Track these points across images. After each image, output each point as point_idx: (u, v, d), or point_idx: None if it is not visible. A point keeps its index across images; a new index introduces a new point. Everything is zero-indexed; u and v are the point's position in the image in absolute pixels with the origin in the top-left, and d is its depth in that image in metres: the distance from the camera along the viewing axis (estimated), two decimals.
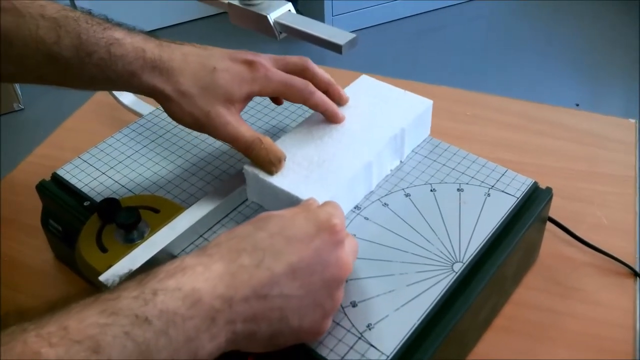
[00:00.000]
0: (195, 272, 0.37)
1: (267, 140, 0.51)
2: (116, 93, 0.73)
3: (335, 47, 0.46)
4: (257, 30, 0.49)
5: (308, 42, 0.48)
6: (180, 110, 0.51)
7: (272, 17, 0.49)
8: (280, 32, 0.49)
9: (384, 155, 0.55)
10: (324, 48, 0.47)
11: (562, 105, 0.82)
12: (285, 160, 0.52)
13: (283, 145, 0.54)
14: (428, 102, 0.59)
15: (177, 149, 0.61)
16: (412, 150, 0.59)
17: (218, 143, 0.61)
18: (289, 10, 0.49)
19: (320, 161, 0.52)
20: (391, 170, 0.57)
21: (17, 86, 2.05)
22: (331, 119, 0.55)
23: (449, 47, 2.31)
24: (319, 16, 2.33)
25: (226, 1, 0.51)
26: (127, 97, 0.73)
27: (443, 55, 2.26)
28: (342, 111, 0.57)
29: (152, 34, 0.53)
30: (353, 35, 0.46)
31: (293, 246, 0.40)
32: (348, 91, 0.60)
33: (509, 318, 0.56)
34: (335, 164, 0.52)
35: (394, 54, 2.26)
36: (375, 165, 0.54)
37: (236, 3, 0.50)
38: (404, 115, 0.57)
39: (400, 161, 0.58)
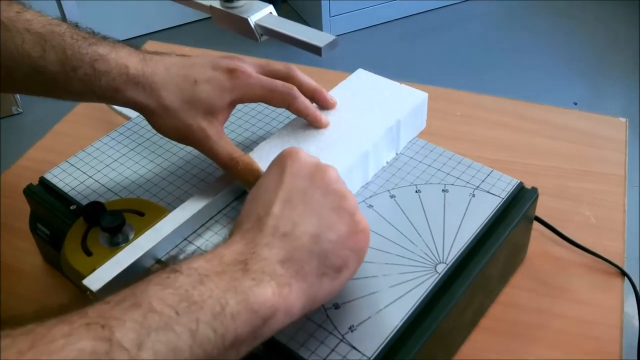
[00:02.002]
0: (211, 254, 0.38)
1: (244, 160, 0.52)
2: None
3: (315, 49, 0.46)
4: (239, 33, 0.50)
5: (288, 44, 0.48)
6: (163, 123, 0.52)
7: (253, 19, 0.49)
8: (261, 35, 0.49)
9: (380, 146, 0.55)
10: (304, 50, 0.47)
11: (561, 105, 0.82)
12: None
13: (280, 136, 0.55)
14: (423, 95, 0.60)
15: (164, 151, 0.61)
16: (399, 152, 0.59)
17: None
18: (270, 12, 0.49)
19: (318, 151, 0.53)
20: (387, 162, 0.58)
21: None
22: (314, 124, 0.55)
23: (446, 47, 2.31)
24: (316, 17, 2.34)
25: (208, 4, 0.51)
26: None
27: (441, 55, 2.26)
28: (339, 103, 0.58)
29: (136, 46, 0.54)
30: (333, 37, 0.46)
31: (278, 185, 0.42)
32: (344, 84, 0.61)
33: (495, 319, 0.56)
34: (332, 154, 0.53)
35: (391, 54, 2.26)
36: (372, 156, 0.55)
37: (218, 6, 0.50)
38: (400, 108, 0.58)
39: (397, 153, 0.58)
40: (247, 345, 0.36)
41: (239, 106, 0.65)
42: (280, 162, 0.44)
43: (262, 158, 0.53)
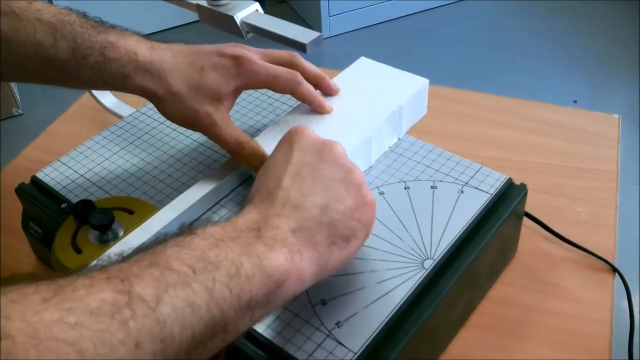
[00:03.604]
0: (225, 222, 0.39)
1: (250, 145, 0.53)
2: (98, 96, 0.73)
3: (300, 46, 0.46)
4: (225, 31, 0.50)
5: (275, 41, 0.48)
6: (172, 109, 0.53)
7: (239, 17, 0.49)
8: (248, 32, 0.50)
9: (382, 131, 0.56)
10: (290, 47, 0.48)
11: (560, 103, 0.82)
12: None
13: (285, 122, 0.56)
14: (424, 81, 0.60)
15: (154, 150, 0.61)
16: (389, 148, 0.59)
17: (195, 144, 0.61)
18: (256, 10, 0.49)
19: (322, 136, 0.53)
20: (389, 147, 0.58)
21: (16, 91, 2.06)
22: (318, 109, 0.56)
23: (446, 45, 2.31)
24: (315, 17, 2.34)
25: (195, 2, 0.51)
26: (108, 100, 0.74)
27: (440, 54, 2.26)
28: (342, 90, 0.58)
29: (144, 35, 0.54)
30: (318, 33, 0.46)
31: (287, 160, 0.43)
32: (347, 72, 0.62)
33: (485, 315, 0.56)
34: (336, 138, 0.53)
35: (390, 53, 2.26)
36: (375, 141, 0.55)
37: (204, 4, 0.50)
38: (402, 94, 0.58)
39: (398, 138, 0.59)
40: (261, 309, 0.36)
41: (245, 93, 0.66)
42: (289, 138, 0.45)
43: (267, 143, 0.54)
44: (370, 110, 0.57)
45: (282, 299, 0.37)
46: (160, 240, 0.36)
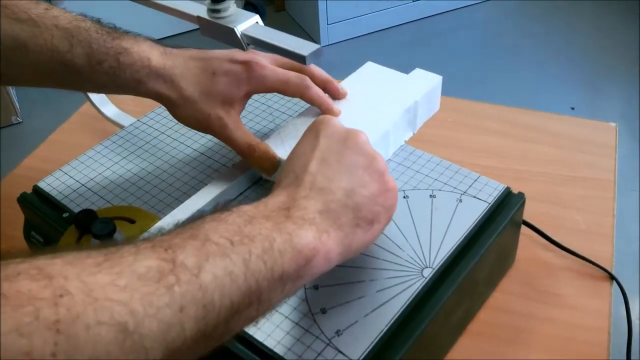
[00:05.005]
0: (256, 202, 0.41)
1: (261, 147, 0.54)
2: (99, 105, 0.74)
3: (300, 58, 0.46)
4: (226, 43, 0.50)
5: (275, 53, 0.49)
6: (184, 114, 0.54)
7: (240, 29, 0.49)
8: (248, 44, 0.50)
9: (399, 126, 0.58)
10: (290, 59, 0.48)
11: (558, 110, 0.82)
12: (281, 165, 0.54)
13: (294, 125, 0.57)
14: (438, 78, 0.62)
15: (156, 159, 0.62)
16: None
17: (196, 153, 0.62)
18: (256, 22, 0.50)
19: None
20: (405, 141, 0.60)
21: (15, 99, 2.07)
22: (327, 112, 0.57)
23: (444, 53, 2.32)
24: (314, 25, 2.35)
25: (195, 14, 0.52)
26: (109, 109, 0.75)
27: (438, 62, 2.26)
28: (351, 93, 0.60)
29: (157, 40, 0.56)
30: (317, 46, 0.47)
31: (313, 147, 0.45)
32: (355, 76, 0.63)
33: (484, 323, 0.56)
34: None
35: (388, 61, 2.25)
36: (392, 136, 0.57)
37: (205, 16, 0.51)
38: (416, 90, 0.60)
39: (413, 133, 0.61)
40: (292, 283, 0.38)
41: (255, 97, 0.67)
42: (315, 128, 0.46)
43: (277, 145, 0.55)
44: (387, 106, 0.58)
45: (310, 275, 0.39)
46: (197, 217, 0.38)
